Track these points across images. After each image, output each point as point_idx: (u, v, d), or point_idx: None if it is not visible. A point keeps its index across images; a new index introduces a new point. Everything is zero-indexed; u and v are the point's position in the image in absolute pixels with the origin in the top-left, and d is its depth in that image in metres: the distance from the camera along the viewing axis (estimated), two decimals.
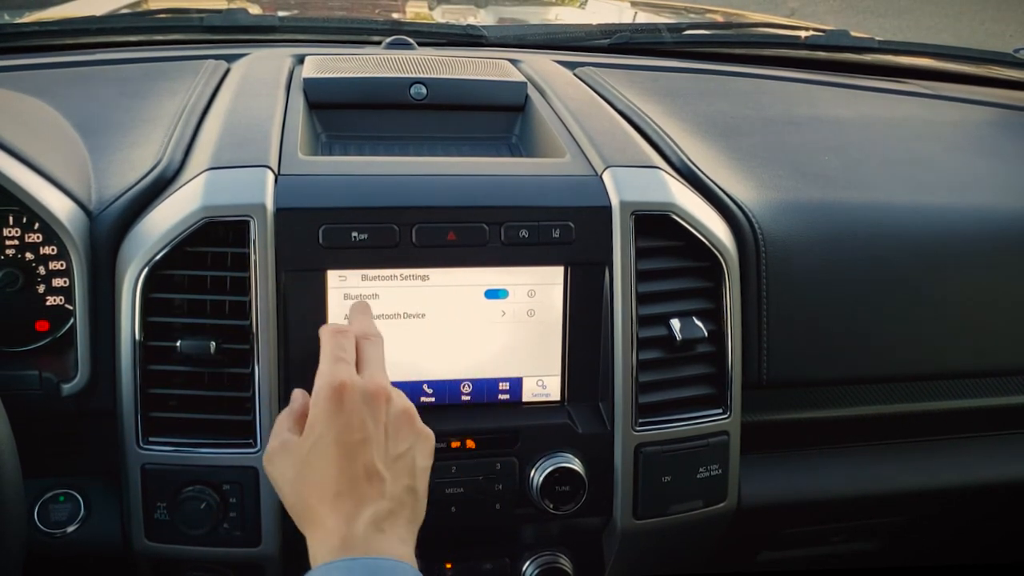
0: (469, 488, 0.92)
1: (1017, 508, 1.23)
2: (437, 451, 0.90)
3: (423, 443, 0.79)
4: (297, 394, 0.82)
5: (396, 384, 0.92)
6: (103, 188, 0.93)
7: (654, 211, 0.94)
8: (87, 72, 1.24)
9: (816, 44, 1.58)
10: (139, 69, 1.25)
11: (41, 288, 0.91)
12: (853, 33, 1.58)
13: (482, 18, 1.98)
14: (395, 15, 1.91)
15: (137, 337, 0.87)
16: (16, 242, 0.91)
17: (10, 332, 0.91)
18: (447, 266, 0.91)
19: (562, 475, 0.92)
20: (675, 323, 0.94)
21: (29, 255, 0.91)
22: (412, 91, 1.11)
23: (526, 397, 0.95)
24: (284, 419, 0.80)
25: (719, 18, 1.96)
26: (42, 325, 0.92)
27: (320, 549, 0.71)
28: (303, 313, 0.89)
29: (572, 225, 0.92)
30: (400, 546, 0.72)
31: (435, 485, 0.90)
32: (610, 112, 1.15)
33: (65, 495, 0.92)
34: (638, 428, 0.94)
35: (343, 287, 0.89)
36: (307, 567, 0.70)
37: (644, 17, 2.03)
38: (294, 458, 0.76)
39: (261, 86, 1.11)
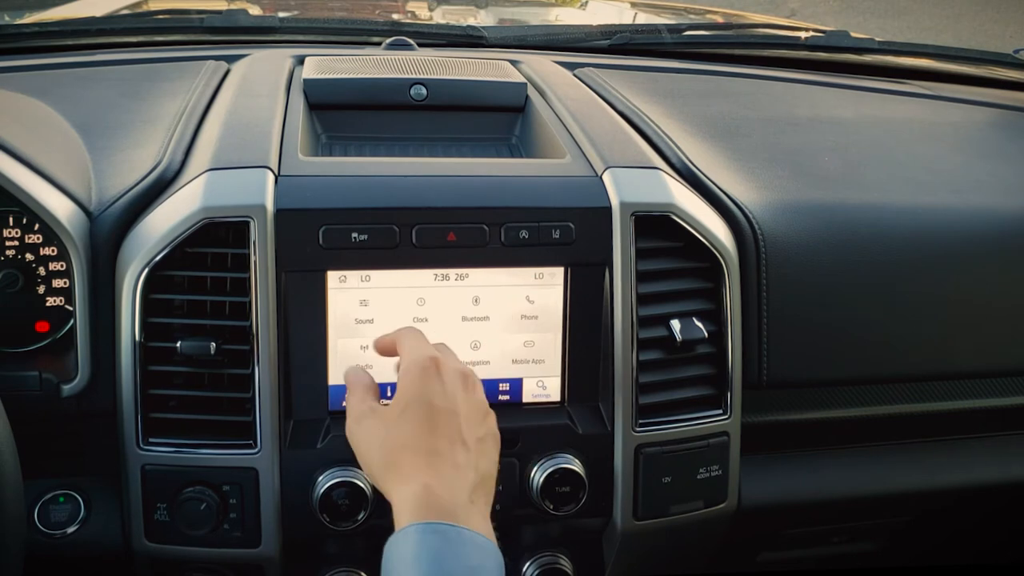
0: None
1: (1017, 508, 1.23)
2: None
3: (495, 441, 0.80)
4: (358, 372, 0.82)
5: None
6: (103, 189, 0.93)
7: (654, 212, 0.94)
8: (87, 73, 1.24)
9: (816, 45, 1.58)
10: (139, 70, 1.25)
11: (41, 289, 0.91)
12: (853, 34, 1.58)
13: (482, 19, 1.98)
14: (395, 16, 1.91)
15: (137, 338, 0.87)
16: (16, 243, 0.91)
17: (10, 333, 0.91)
18: (447, 267, 0.91)
19: (562, 476, 0.91)
20: (675, 324, 0.94)
21: (29, 256, 0.91)
22: (412, 92, 1.11)
23: (526, 398, 0.95)
24: (362, 392, 0.80)
25: (719, 19, 1.96)
26: (42, 326, 0.92)
27: (414, 505, 0.69)
28: (303, 314, 0.89)
29: (572, 226, 0.92)
30: (485, 524, 0.71)
31: None
32: (610, 113, 1.15)
33: (65, 496, 0.92)
34: (638, 429, 0.94)
35: (343, 288, 0.89)
36: (306, 569, 0.70)
37: (644, 18, 2.03)
38: (384, 419, 0.76)
39: (261, 87, 1.11)
